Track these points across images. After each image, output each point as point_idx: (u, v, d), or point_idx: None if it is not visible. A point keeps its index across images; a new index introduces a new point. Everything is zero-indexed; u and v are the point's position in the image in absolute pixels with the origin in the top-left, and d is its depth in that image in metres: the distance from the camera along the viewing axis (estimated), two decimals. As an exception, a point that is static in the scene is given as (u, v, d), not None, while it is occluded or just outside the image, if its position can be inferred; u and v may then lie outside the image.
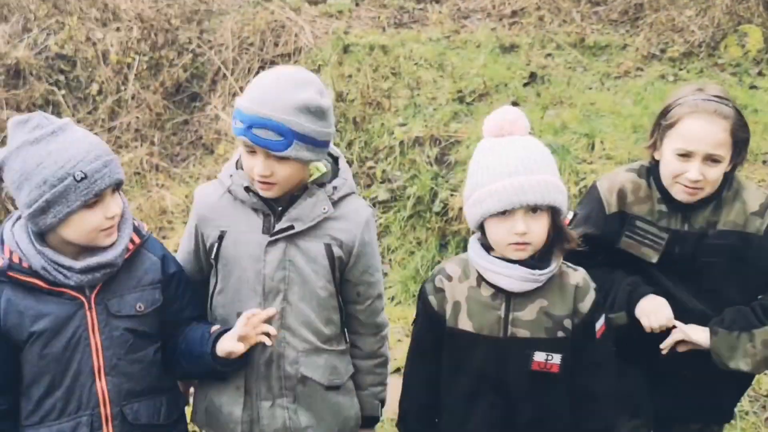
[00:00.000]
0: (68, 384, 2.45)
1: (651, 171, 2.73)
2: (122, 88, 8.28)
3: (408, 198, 6.48)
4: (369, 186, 6.77)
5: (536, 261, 2.41)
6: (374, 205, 6.59)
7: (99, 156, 2.36)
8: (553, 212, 2.37)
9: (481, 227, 2.44)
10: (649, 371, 2.85)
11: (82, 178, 2.30)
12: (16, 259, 2.38)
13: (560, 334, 2.41)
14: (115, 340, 2.48)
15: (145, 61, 8.38)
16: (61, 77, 8.38)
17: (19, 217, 2.44)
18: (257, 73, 8.06)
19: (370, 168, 6.86)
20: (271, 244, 2.62)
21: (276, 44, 8.39)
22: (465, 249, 6.08)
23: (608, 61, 7.94)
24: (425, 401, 2.62)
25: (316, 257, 2.66)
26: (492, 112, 2.50)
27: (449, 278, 2.53)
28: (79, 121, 8.08)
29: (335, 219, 2.66)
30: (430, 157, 6.65)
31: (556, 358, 2.40)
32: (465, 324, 2.46)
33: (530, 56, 7.93)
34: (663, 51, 7.99)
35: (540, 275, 2.38)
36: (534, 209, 2.32)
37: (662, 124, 2.62)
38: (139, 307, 2.53)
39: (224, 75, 8.23)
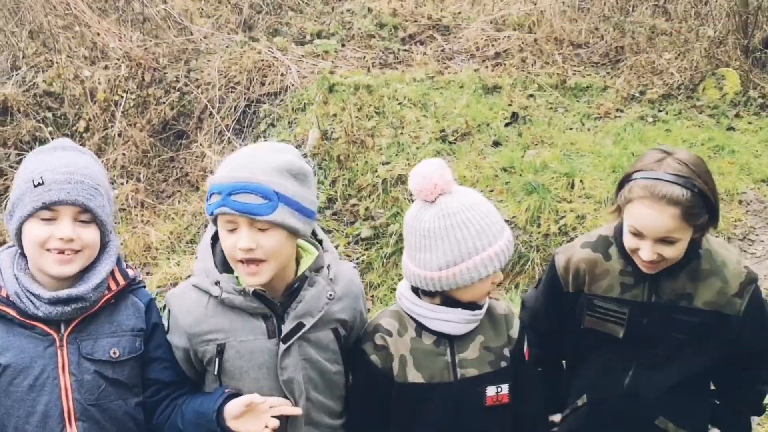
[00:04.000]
0: (35, 428, 2.24)
1: (616, 238, 2.61)
2: (109, 125, 8.32)
3: (390, 235, 6.53)
4: (352, 223, 6.83)
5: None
6: (357, 242, 6.65)
7: (70, 172, 2.21)
8: None
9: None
10: None
11: (38, 184, 2.17)
12: (3, 293, 2.23)
13: (503, 364, 2.48)
14: (86, 384, 2.27)
15: (133, 99, 8.45)
16: (49, 114, 8.42)
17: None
18: (243, 111, 8.21)
19: (354, 205, 6.92)
20: (285, 350, 2.39)
21: (262, 83, 8.49)
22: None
23: (589, 102, 8.08)
24: None
25: (327, 345, 2.49)
26: (413, 173, 2.51)
27: (389, 334, 2.49)
28: (65, 158, 8.15)
29: (335, 300, 2.48)
30: (412, 195, 6.69)
31: (505, 388, 2.47)
32: (414, 376, 2.45)
33: (512, 97, 8.06)
34: (642, 93, 8.14)
35: (479, 314, 2.46)
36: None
37: (621, 196, 2.50)
38: (114, 352, 2.32)
39: (210, 113, 8.31)
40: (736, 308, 2.52)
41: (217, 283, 2.39)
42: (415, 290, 2.49)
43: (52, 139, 7.95)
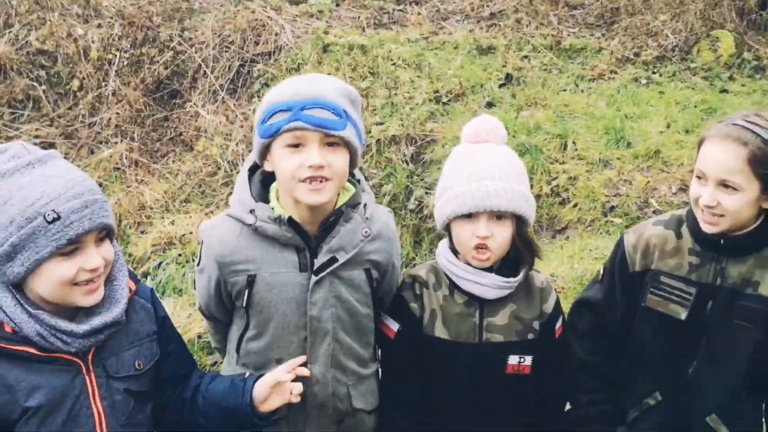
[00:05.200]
0: None
1: (688, 217, 2.55)
2: (103, 84, 8.29)
3: (384, 195, 6.56)
4: (346, 183, 6.85)
5: (506, 268, 2.48)
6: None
7: (80, 194, 1.95)
8: (519, 221, 2.41)
9: (447, 228, 2.49)
10: None
11: (54, 219, 1.89)
12: (8, 329, 1.98)
13: (530, 336, 2.49)
14: (117, 405, 2.11)
15: (126, 58, 8.41)
16: (42, 72, 8.39)
17: None
18: (237, 71, 8.19)
19: (347, 166, 6.94)
20: (316, 283, 2.37)
21: (257, 43, 8.45)
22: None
23: (583, 63, 8.07)
24: (407, 398, 2.58)
25: (360, 286, 2.46)
26: (471, 119, 2.52)
27: (426, 285, 2.53)
28: (59, 116, 8.14)
29: (371, 240, 2.44)
30: (405, 155, 6.74)
31: (528, 360, 2.48)
32: (441, 332, 2.49)
33: (507, 58, 8.04)
34: (637, 55, 8.12)
35: (512, 282, 2.45)
36: (498, 216, 2.37)
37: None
38: (138, 365, 2.17)
39: (204, 73, 8.28)
40: None
41: (251, 211, 2.36)
42: (454, 250, 2.50)
43: (46, 97, 8.09)
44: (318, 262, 2.37)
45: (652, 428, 2.61)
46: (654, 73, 7.83)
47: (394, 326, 2.55)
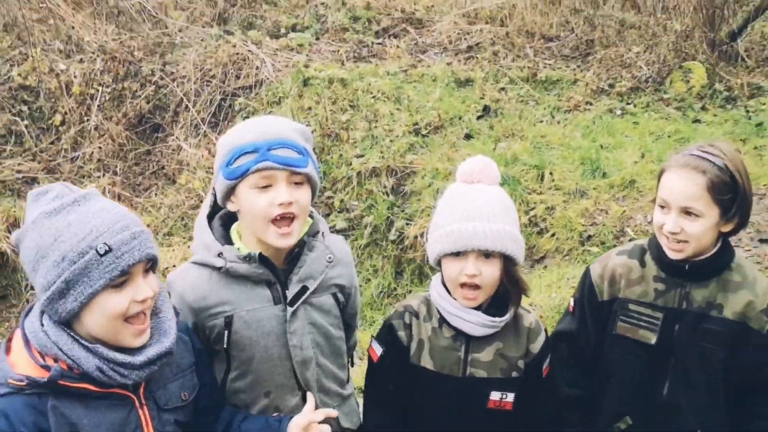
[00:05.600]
0: None
1: (650, 246, 2.66)
2: (85, 118, 8.37)
3: (365, 227, 6.65)
4: (327, 215, 6.93)
5: (494, 307, 2.53)
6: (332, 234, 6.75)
7: (126, 227, 1.97)
8: (507, 260, 2.47)
9: (439, 264, 2.55)
10: None
11: (106, 252, 1.92)
12: (64, 366, 1.96)
13: (514, 374, 2.54)
14: None
15: (108, 93, 8.50)
16: (24, 108, 8.45)
17: (41, 311, 2.01)
18: (219, 104, 8.28)
19: (329, 198, 7.03)
20: (293, 313, 2.44)
21: (238, 77, 8.57)
22: (420, 276, 6.27)
23: (559, 95, 8.23)
24: (387, 422, 2.65)
25: (330, 310, 2.55)
26: (466, 160, 2.59)
27: (416, 315, 2.60)
28: (42, 151, 8.19)
29: (333, 265, 2.54)
30: (386, 187, 6.84)
31: (510, 397, 2.53)
32: (426, 362, 2.54)
33: (484, 90, 8.20)
34: (611, 86, 8.30)
35: (498, 322, 2.51)
36: (486, 254, 2.44)
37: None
38: (184, 396, 2.20)
39: (186, 107, 8.38)
40: (761, 324, 2.53)
41: (219, 254, 2.41)
42: (446, 285, 2.57)
43: (28, 132, 8.14)
44: (290, 293, 2.44)
45: None
46: (628, 104, 7.99)
47: (379, 350, 2.64)
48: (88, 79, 8.56)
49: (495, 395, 2.53)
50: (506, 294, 2.54)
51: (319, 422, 2.36)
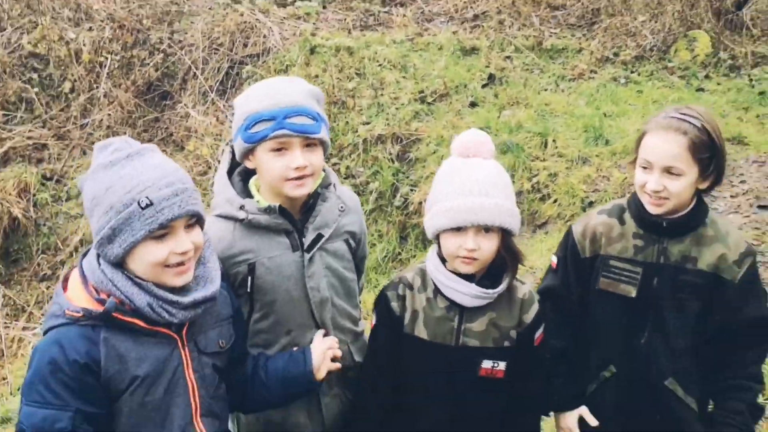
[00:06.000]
0: (166, 429, 2.22)
1: (630, 205, 2.77)
2: (94, 86, 8.46)
3: (370, 193, 6.74)
4: (333, 182, 7.01)
5: (489, 278, 2.58)
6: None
7: (171, 183, 2.11)
8: (504, 233, 2.54)
9: (437, 237, 2.60)
10: None
11: (147, 206, 2.06)
12: (117, 301, 2.11)
13: (506, 343, 2.59)
14: (207, 379, 2.30)
15: (117, 61, 8.58)
16: (35, 75, 8.56)
17: (97, 254, 2.18)
18: (226, 72, 8.35)
19: (335, 164, 7.13)
20: (310, 259, 2.64)
21: (245, 45, 8.63)
22: (423, 241, 6.35)
23: (564, 63, 8.28)
24: (381, 395, 2.71)
25: (343, 254, 2.74)
26: (461, 133, 2.63)
27: (410, 287, 2.65)
28: (52, 118, 8.30)
29: (345, 214, 2.73)
30: (391, 154, 6.93)
31: (502, 365, 2.58)
32: (420, 332, 2.59)
33: (490, 58, 8.24)
34: (616, 54, 8.34)
35: (492, 293, 2.56)
36: (486, 229, 2.49)
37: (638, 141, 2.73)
38: (221, 343, 2.35)
39: (194, 74, 8.45)
40: (733, 274, 2.64)
41: (241, 207, 2.58)
42: (442, 257, 2.62)
43: (39, 99, 8.24)
44: (307, 240, 2.63)
45: (610, 398, 2.83)
46: (632, 72, 8.04)
47: (374, 320, 2.76)
48: (98, 47, 8.64)
49: (486, 363, 2.58)
50: (502, 265, 2.59)
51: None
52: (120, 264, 2.14)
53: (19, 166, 7.96)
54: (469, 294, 2.55)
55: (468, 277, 2.56)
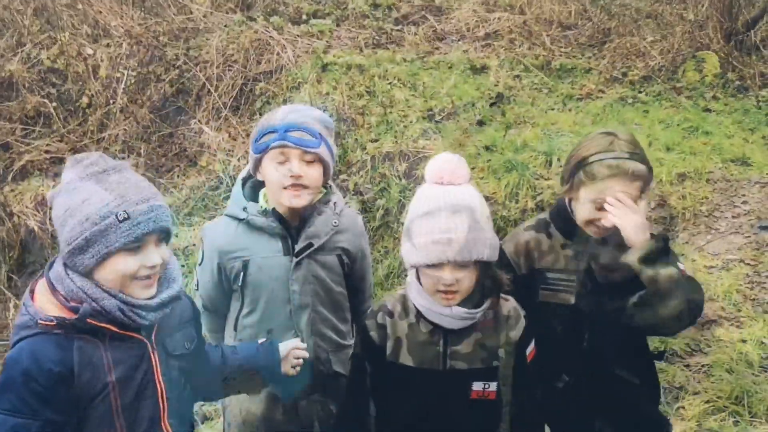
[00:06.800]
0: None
1: (553, 219, 2.93)
2: (111, 101, 8.60)
3: (377, 209, 6.84)
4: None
5: (471, 299, 2.56)
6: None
7: (147, 199, 2.21)
8: (483, 263, 2.51)
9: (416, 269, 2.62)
10: None
11: (124, 219, 2.15)
12: (88, 306, 2.19)
13: (495, 363, 2.57)
14: (173, 382, 2.38)
15: (133, 76, 8.72)
16: (53, 90, 8.71)
17: (64, 263, 2.25)
18: (240, 89, 8.49)
19: (343, 181, 7.23)
20: (297, 264, 2.92)
21: (259, 62, 8.76)
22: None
23: (572, 83, 8.35)
24: (363, 420, 2.72)
25: (333, 267, 2.99)
26: (434, 158, 2.61)
27: (390, 315, 2.63)
28: (69, 132, 8.46)
29: (340, 232, 2.99)
30: (399, 171, 7.03)
31: (493, 386, 2.56)
32: (405, 359, 2.58)
33: (499, 77, 8.33)
34: (624, 74, 8.41)
35: (475, 313, 2.54)
36: (462, 264, 2.46)
37: (581, 177, 2.77)
38: (187, 345, 2.46)
39: (209, 91, 8.58)
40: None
41: (244, 208, 2.94)
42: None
43: (57, 114, 8.41)
44: (298, 246, 2.92)
45: (559, 405, 2.94)
46: (640, 92, 8.11)
47: (353, 349, 2.87)
48: (114, 63, 8.79)
49: (477, 386, 2.56)
50: (483, 287, 2.58)
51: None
52: (87, 274, 2.22)
53: (37, 180, 8.11)
54: (452, 316, 2.52)
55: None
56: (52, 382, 2.14)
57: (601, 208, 2.73)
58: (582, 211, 2.80)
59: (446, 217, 2.45)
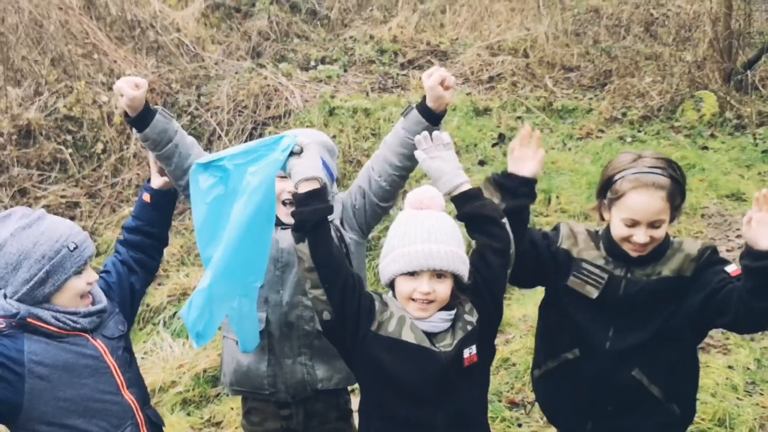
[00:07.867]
0: (104, 406, 2.70)
1: (600, 238, 2.98)
2: (125, 147, 8.86)
3: (381, 248, 6.98)
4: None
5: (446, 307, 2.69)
6: (351, 254, 7.14)
7: (80, 231, 2.70)
8: (456, 278, 2.65)
9: (390, 285, 2.69)
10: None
11: (74, 248, 2.62)
12: (24, 311, 2.61)
13: (469, 327, 2.67)
14: (122, 359, 2.79)
15: (147, 123, 8.95)
16: (69, 137, 8.98)
17: (4, 296, 2.65)
18: (250, 134, 8.72)
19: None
20: (283, 228, 3.06)
21: (268, 107, 9.02)
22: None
23: (573, 123, 8.55)
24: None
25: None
26: (413, 190, 2.80)
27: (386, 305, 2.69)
28: (84, 177, 8.71)
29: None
30: (401, 209, 7.17)
31: (474, 349, 2.66)
32: (408, 336, 2.61)
33: (501, 119, 8.54)
34: (624, 114, 8.60)
35: (453, 313, 2.67)
36: (439, 275, 2.59)
37: (608, 195, 2.87)
38: (120, 328, 2.87)
39: (219, 135, 8.82)
40: (691, 269, 2.86)
41: None
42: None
43: (72, 160, 8.67)
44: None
45: (568, 377, 3.03)
46: (639, 131, 8.29)
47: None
48: (129, 110, 9.02)
49: (466, 352, 2.66)
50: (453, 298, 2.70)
51: None
52: (45, 302, 2.65)
53: (52, 223, 8.32)
54: (436, 320, 2.64)
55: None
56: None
57: (631, 225, 2.83)
58: (616, 230, 2.89)
59: (426, 231, 2.61)
